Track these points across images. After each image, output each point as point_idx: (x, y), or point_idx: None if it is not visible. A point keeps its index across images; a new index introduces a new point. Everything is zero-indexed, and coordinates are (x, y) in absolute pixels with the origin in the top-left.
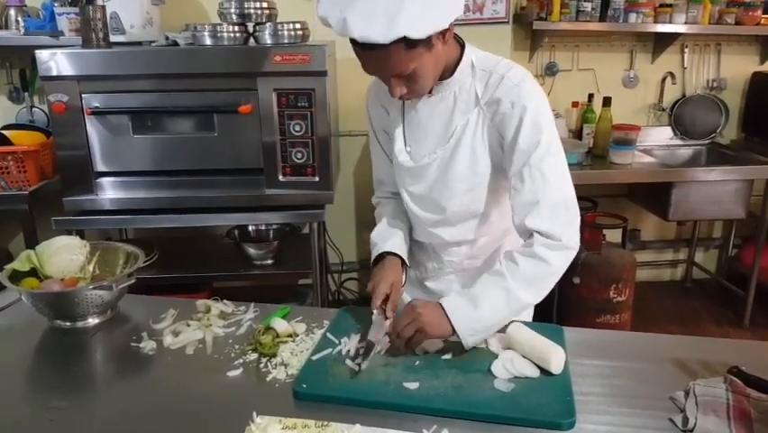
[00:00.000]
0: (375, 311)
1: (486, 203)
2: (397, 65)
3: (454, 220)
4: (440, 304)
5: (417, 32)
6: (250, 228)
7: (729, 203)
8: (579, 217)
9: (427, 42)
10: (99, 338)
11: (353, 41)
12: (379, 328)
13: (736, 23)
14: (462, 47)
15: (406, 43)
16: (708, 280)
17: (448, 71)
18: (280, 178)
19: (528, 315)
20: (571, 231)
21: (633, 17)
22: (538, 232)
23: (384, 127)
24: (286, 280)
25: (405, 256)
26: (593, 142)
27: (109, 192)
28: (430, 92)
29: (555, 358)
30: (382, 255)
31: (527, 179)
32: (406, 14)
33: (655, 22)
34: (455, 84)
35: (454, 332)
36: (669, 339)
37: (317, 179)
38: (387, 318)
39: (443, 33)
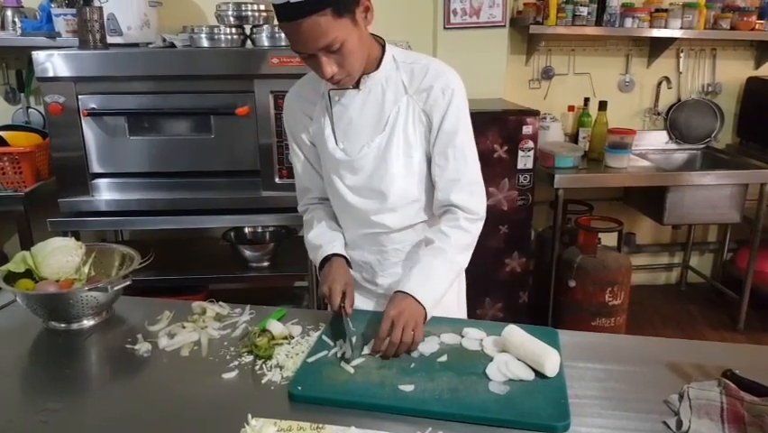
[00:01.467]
0: (341, 312)
1: (424, 188)
2: (326, 34)
3: (396, 205)
4: (401, 292)
5: None
6: (246, 230)
7: (724, 207)
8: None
9: (353, 14)
10: (94, 340)
11: (280, 15)
12: (348, 326)
13: (732, 29)
14: (383, 45)
15: (334, 9)
16: (703, 284)
17: (372, 66)
18: (277, 180)
19: (462, 310)
20: (484, 205)
21: (629, 22)
22: (460, 206)
23: (306, 135)
24: (282, 282)
25: (349, 258)
26: (589, 146)
27: (105, 193)
28: (358, 86)
29: (550, 361)
30: (327, 258)
31: (451, 159)
32: None
33: (651, 26)
34: (381, 77)
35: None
36: (663, 342)
37: None
38: (348, 315)
39: (365, 12)
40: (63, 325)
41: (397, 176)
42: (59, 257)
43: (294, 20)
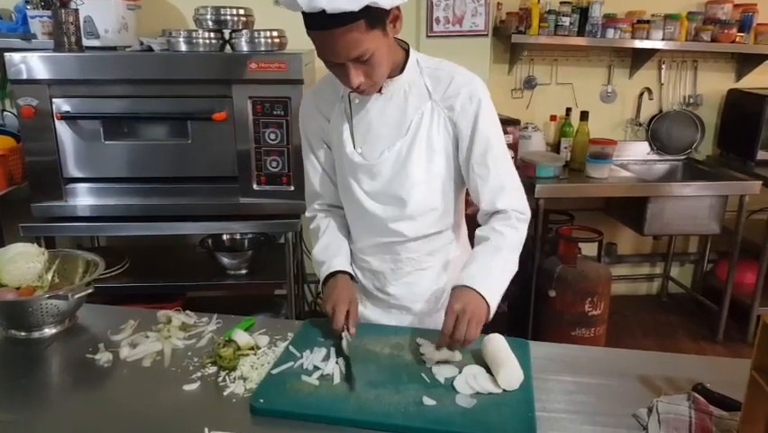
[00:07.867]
0: (343, 333)
1: (443, 196)
2: (358, 45)
3: (415, 213)
4: (464, 286)
5: (384, 1)
6: (224, 237)
7: (704, 218)
8: None
9: (383, 25)
10: (54, 349)
11: (311, 23)
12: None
13: (712, 41)
14: (406, 50)
15: (367, 21)
16: (683, 295)
17: (396, 70)
18: (255, 186)
19: None
20: (528, 205)
21: (611, 33)
22: (508, 209)
23: (322, 137)
24: (260, 290)
25: (353, 273)
26: (570, 156)
27: (80, 199)
28: (380, 90)
29: (505, 373)
30: (332, 273)
31: (492, 167)
32: None
33: (633, 37)
34: (405, 81)
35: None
36: (636, 355)
37: (292, 188)
38: (351, 335)
39: (393, 22)
40: (23, 333)
41: (417, 182)
42: (20, 263)
43: (326, 29)
